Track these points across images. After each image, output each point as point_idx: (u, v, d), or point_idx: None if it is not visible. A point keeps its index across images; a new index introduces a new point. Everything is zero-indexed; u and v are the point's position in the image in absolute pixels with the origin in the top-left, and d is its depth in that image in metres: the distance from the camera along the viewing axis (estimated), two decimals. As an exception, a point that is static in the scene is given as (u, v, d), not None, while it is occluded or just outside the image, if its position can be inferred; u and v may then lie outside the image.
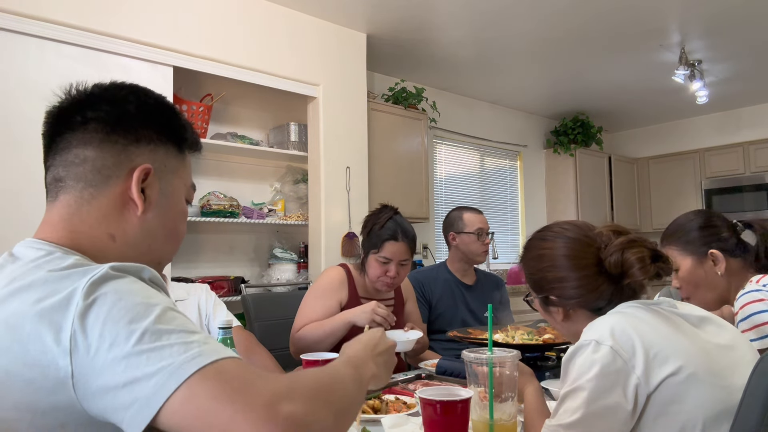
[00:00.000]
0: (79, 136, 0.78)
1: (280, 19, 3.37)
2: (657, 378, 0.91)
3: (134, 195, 0.78)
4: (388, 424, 1.20)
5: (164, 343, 0.61)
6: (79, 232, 0.77)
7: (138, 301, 0.64)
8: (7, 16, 2.44)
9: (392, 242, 1.93)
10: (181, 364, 0.60)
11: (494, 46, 4.06)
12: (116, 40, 2.75)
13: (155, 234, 0.82)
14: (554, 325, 1.19)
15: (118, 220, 0.79)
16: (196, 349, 0.62)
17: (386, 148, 4.04)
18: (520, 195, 5.72)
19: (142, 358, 0.60)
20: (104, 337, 0.60)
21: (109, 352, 0.60)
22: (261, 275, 3.63)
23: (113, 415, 0.61)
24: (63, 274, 0.66)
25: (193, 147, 0.89)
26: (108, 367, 0.60)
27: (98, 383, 0.60)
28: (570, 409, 0.95)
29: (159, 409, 0.58)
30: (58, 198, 0.79)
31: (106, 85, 0.83)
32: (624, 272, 1.06)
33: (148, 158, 0.80)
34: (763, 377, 0.84)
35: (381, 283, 1.97)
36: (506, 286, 2.72)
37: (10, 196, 2.42)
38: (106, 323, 0.61)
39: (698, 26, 3.78)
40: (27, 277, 0.67)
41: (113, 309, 0.62)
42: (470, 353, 1.18)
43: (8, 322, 0.64)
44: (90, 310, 0.62)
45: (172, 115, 0.86)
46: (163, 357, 0.60)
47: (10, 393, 0.62)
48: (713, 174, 5.68)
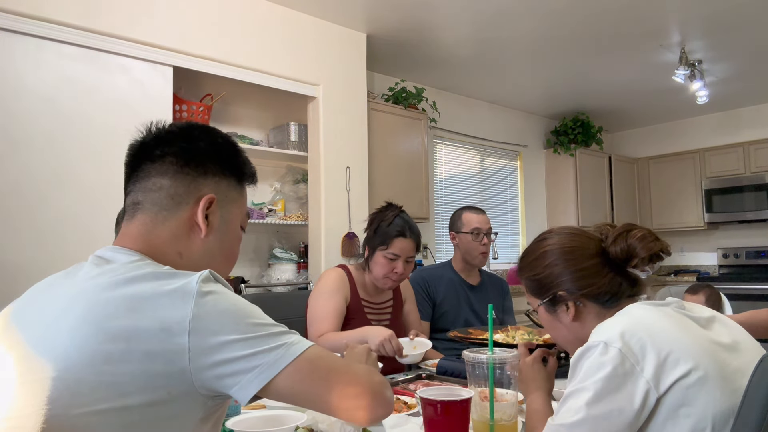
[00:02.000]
0: (157, 167, 0.91)
1: (280, 19, 3.37)
2: (668, 381, 0.90)
3: (199, 220, 0.91)
4: (388, 424, 1.20)
5: (273, 331, 0.80)
6: (155, 247, 0.90)
7: (239, 300, 0.81)
8: (7, 16, 2.44)
9: (401, 239, 1.94)
10: (292, 343, 0.80)
11: (494, 46, 4.05)
12: (116, 40, 2.74)
13: (214, 254, 0.95)
14: (560, 333, 1.17)
15: (186, 240, 0.92)
16: (296, 337, 0.82)
17: (386, 148, 4.04)
18: (520, 195, 5.72)
19: (259, 340, 0.78)
20: (222, 324, 0.77)
21: (227, 335, 0.76)
22: (261, 275, 3.63)
23: (226, 380, 0.76)
24: (170, 272, 0.81)
25: (250, 180, 1.02)
26: (226, 345, 0.76)
27: (216, 358, 0.75)
28: (573, 409, 0.94)
29: (277, 375, 0.77)
30: (135, 217, 0.92)
31: (182, 125, 0.97)
32: (630, 255, 1.08)
33: (213, 189, 0.93)
34: (764, 377, 0.84)
35: (387, 279, 1.98)
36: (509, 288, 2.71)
37: (10, 195, 2.42)
38: (222, 314, 0.77)
39: (698, 26, 3.78)
40: (135, 271, 0.80)
41: (225, 303, 0.79)
42: (470, 353, 1.18)
43: (128, 304, 0.76)
44: (206, 300, 0.77)
45: (235, 152, 0.99)
46: (277, 339, 0.79)
47: (130, 361, 0.74)
48: (713, 174, 5.68)
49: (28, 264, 2.39)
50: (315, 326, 1.92)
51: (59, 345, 0.76)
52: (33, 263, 2.40)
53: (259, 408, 1.39)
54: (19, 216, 2.43)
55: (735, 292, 4.87)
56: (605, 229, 1.15)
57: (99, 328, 0.75)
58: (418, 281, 2.40)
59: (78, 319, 0.77)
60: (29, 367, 0.77)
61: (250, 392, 0.77)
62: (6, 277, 2.30)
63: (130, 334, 0.74)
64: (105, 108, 2.69)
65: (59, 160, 2.55)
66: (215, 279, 0.82)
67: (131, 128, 0.97)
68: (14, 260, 2.36)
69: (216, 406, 0.82)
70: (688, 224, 5.84)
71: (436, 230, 4.86)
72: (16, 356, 0.79)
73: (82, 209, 2.58)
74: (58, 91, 2.57)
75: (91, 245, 1.02)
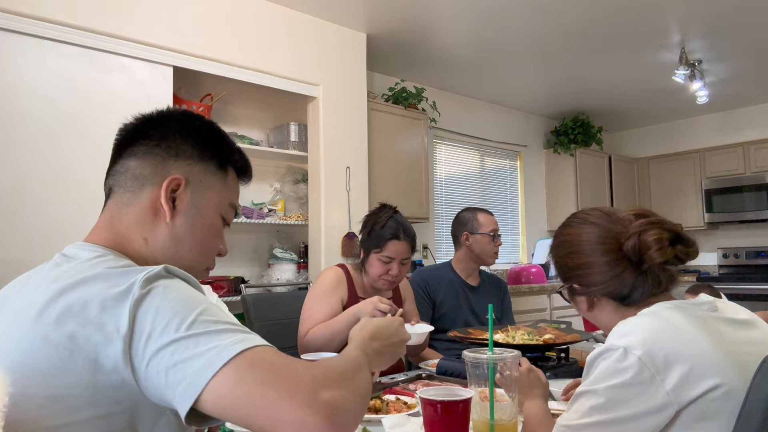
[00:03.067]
0: (128, 150, 0.88)
1: (280, 19, 3.37)
2: (691, 394, 0.85)
3: (162, 201, 0.86)
4: (388, 424, 1.20)
5: (211, 329, 0.68)
6: (120, 234, 0.86)
7: (186, 296, 0.72)
8: (7, 16, 2.44)
9: (395, 241, 1.93)
10: (226, 346, 0.67)
11: (494, 46, 4.05)
12: (116, 40, 2.74)
13: (182, 241, 0.88)
14: (583, 314, 1.15)
15: (151, 225, 0.87)
16: (240, 335, 0.69)
17: (386, 148, 4.04)
18: (520, 195, 5.72)
19: (191, 342, 0.67)
20: (156, 324, 0.68)
21: (161, 337, 0.67)
22: (261, 275, 3.63)
23: (165, 393, 0.67)
24: (122, 271, 0.74)
25: (241, 172, 0.97)
26: (160, 350, 0.67)
27: (152, 365, 0.67)
28: (581, 411, 0.91)
29: (205, 386, 0.65)
30: (107, 204, 0.89)
31: (162, 109, 0.93)
32: (641, 256, 1.00)
33: (183, 171, 0.88)
34: (765, 378, 0.83)
35: (382, 282, 1.98)
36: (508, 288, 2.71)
37: (11, 195, 2.42)
38: (158, 312, 0.69)
39: (698, 26, 3.78)
40: (89, 271, 0.74)
41: (164, 300, 0.70)
42: (470, 353, 1.18)
43: (72, 309, 0.70)
44: (144, 299, 0.70)
45: (218, 137, 0.94)
46: (210, 340, 0.67)
47: (74, 371, 0.68)
48: (713, 174, 5.68)
49: (28, 264, 2.38)
50: (304, 325, 1.93)
51: (8, 356, 0.71)
52: (33, 263, 2.39)
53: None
54: (20, 216, 2.43)
55: (735, 292, 4.87)
56: (629, 219, 1.06)
57: (43, 337, 0.70)
58: (418, 282, 2.40)
59: (24, 327, 0.71)
60: None
61: (184, 409, 0.66)
62: (6, 276, 2.30)
63: (72, 342, 0.68)
64: (105, 108, 2.69)
65: (59, 160, 2.55)
66: (168, 274, 0.75)
67: (131, 128, 0.97)
68: (14, 260, 2.36)
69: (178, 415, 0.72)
70: (688, 224, 5.83)
71: (436, 230, 4.86)
72: None
73: (82, 209, 2.58)
74: (58, 91, 2.57)
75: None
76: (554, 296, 4.79)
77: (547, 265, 5.06)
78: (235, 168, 0.95)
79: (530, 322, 2.40)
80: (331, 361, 0.76)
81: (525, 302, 4.50)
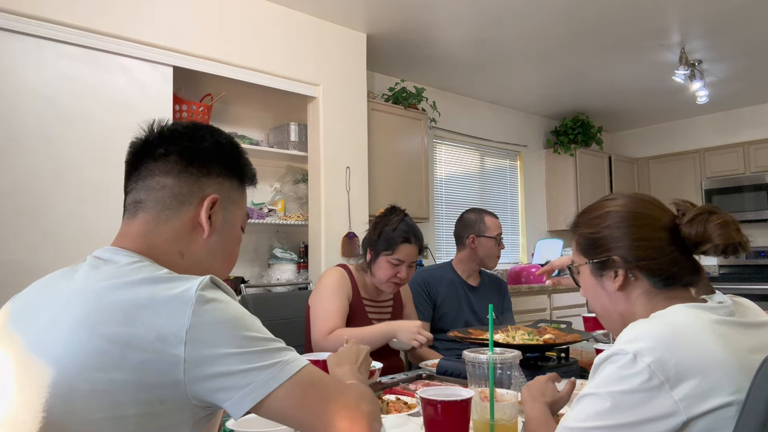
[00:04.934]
0: (160, 166, 0.90)
1: (280, 19, 3.37)
2: (703, 407, 0.83)
3: (203, 220, 0.91)
4: (389, 424, 1.20)
5: (270, 346, 0.79)
6: (155, 247, 0.88)
7: (240, 311, 0.80)
8: (7, 16, 2.44)
9: (406, 245, 1.95)
10: (287, 362, 0.79)
11: (494, 46, 4.05)
12: (116, 40, 2.74)
13: (216, 255, 0.94)
14: (599, 300, 1.08)
15: (187, 240, 0.91)
16: (292, 354, 0.81)
17: (386, 148, 4.04)
18: (520, 195, 5.72)
19: (254, 355, 0.76)
20: (218, 336, 0.75)
21: (224, 348, 0.75)
22: (261, 275, 3.63)
23: (219, 394, 0.75)
24: (169, 276, 0.79)
25: (251, 181, 1.01)
26: (221, 358, 0.74)
27: (212, 370, 0.74)
28: (586, 414, 0.89)
29: (269, 394, 0.76)
30: (137, 216, 0.90)
31: (186, 124, 0.96)
32: (703, 239, 0.99)
33: (216, 189, 0.93)
34: (766, 379, 0.83)
35: (389, 284, 1.99)
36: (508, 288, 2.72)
37: (11, 195, 2.42)
38: (219, 325, 0.76)
39: (698, 26, 3.78)
40: (133, 274, 0.79)
41: (224, 313, 0.77)
42: (470, 353, 1.18)
43: (124, 310, 0.75)
44: (204, 309, 0.75)
45: (238, 153, 0.99)
46: (273, 356, 0.78)
47: (125, 369, 0.73)
48: (713, 174, 5.68)
49: (29, 264, 2.39)
50: (321, 325, 1.90)
51: (54, 350, 0.75)
52: (34, 263, 2.40)
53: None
54: (20, 216, 2.43)
55: (735, 292, 4.84)
56: (685, 205, 1.05)
57: (93, 334, 0.73)
58: (418, 282, 2.40)
59: (73, 323, 0.75)
60: (26, 372, 0.76)
61: (242, 409, 0.76)
62: (7, 276, 2.30)
63: (124, 341, 0.73)
64: (105, 108, 2.69)
65: (59, 160, 2.55)
66: (216, 285, 0.80)
67: (131, 128, 0.96)
68: (15, 260, 2.36)
69: (209, 415, 0.81)
70: (688, 224, 5.83)
71: (436, 230, 4.86)
72: (13, 359, 0.78)
73: (83, 209, 2.58)
74: (58, 91, 2.57)
75: (91, 245, 1.01)
76: (554, 296, 4.79)
77: (547, 265, 5.05)
78: (248, 180, 1.01)
79: (530, 322, 2.40)
80: (358, 384, 0.95)
81: (525, 302, 4.50)
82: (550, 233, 5.84)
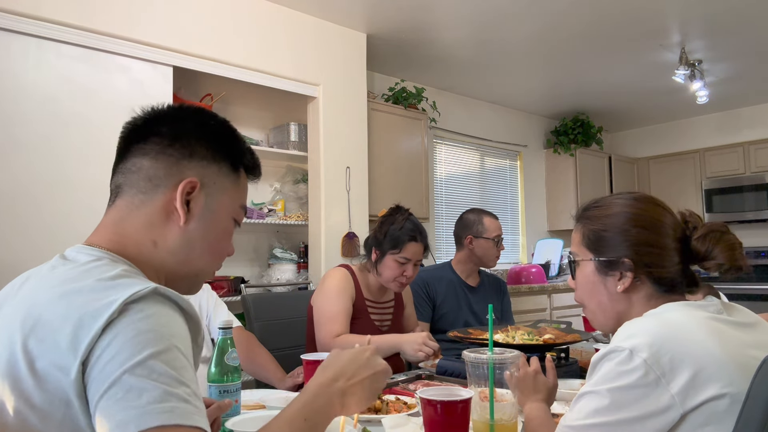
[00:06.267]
0: (140, 147, 0.84)
1: (280, 19, 3.37)
2: (697, 399, 0.85)
3: (178, 205, 0.83)
4: (388, 424, 1.20)
5: (147, 384, 0.63)
6: (126, 236, 0.82)
7: (152, 328, 0.67)
8: (7, 16, 2.44)
9: (413, 243, 1.97)
10: (149, 412, 0.61)
11: (494, 46, 4.05)
12: (116, 40, 2.74)
13: (194, 245, 0.86)
14: (597, 298, 1.08)
15: (162, 227, 0.83)
16: (172, 403, 0.63)
17: (386, 148, 4.04)
18: (520, 195, 5.72)
19: (123, 390, 0.62)
20: (111, 349, 0.64)
21: (107, 364, 0.64)
22: (261, 275, 3.63)
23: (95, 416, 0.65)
24: (109, 284, 0.70)
25: (251, 171, 0.94)
26: (104, 379, 0.63)
27: (95, 389, 0.64)
28: (586, 411, 0.90)
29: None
30: (115, 203, 0.85)
31: (176, 105, 0.89)
32: (710, 257, 1.01)
33: (197, 173, 0.85)
34: (765, 379, 0.83)
35: (396, 283, 2.00)
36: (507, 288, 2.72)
37: (11, 196, 2.42)
38: (117, 336, 0.65)
39: (698, 26, 3.78)
40: (76, 282, 0.72)
41: (129, 326, 0.66)
42: (470, 353, 1.18)
43: (53, 324, 0.68)
44: (115, 322, 0.66)
45: (232, 137, 0.91)
46: (140, 396, 0.62)
47: (47, 384, 0.66)
48: (713, 174, 5.68)
49: (28, 264, 2.38)
50: (326, 327, 1.91)
51: None
52: (33, 263, 2.39)
53: (259, 408, 1.39)
54: (19, 216, 2.43)
55: (735, 292, 4.87)
56: (695, 219, 1.06)
57: (17, 349, 0.69)
58: (418, 282, 2.40)
59: (10, 336, 0.70)
60: None
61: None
62: (6, 277, 2.30)
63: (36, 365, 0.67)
64: (105, 108, 2.69)
65: (59, 160, 2.55)
66: (163, 297, 0.70)
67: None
68: (14, 260, 2.36)
69: None
70: (688, 224, 5.83)
71: (436, 230, 4.86)
72: None
73: (83, 209, 2.57)
74: (58, 91, 2.57)
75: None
76: (554, 296, 4.79)
77: (547, 265, 5.05)
78: (245, 168, 0.93)
79: (530, 322, 2.40)
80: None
81: (525, 302, 4.50)
82: (550, 233, 5.84)
